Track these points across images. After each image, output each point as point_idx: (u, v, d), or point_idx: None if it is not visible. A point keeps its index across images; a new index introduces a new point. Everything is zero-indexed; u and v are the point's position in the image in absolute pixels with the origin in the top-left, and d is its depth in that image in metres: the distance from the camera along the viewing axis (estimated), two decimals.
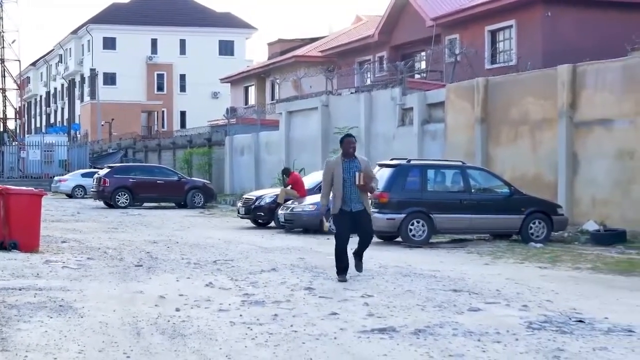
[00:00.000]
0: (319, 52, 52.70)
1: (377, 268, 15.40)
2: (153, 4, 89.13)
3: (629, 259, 17.44)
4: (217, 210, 36.48)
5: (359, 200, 13.44)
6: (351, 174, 13.33)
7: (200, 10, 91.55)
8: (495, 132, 27.31)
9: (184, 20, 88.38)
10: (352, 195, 13.37)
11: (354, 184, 13.29)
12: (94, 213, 33.39)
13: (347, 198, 13.37)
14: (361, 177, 13.23)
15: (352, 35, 52.54)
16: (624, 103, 22.22)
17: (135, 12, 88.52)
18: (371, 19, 54.58)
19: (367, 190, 13.54)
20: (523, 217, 21.23)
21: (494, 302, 11.53)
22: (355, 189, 13.33)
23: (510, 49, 36.34)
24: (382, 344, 8.71)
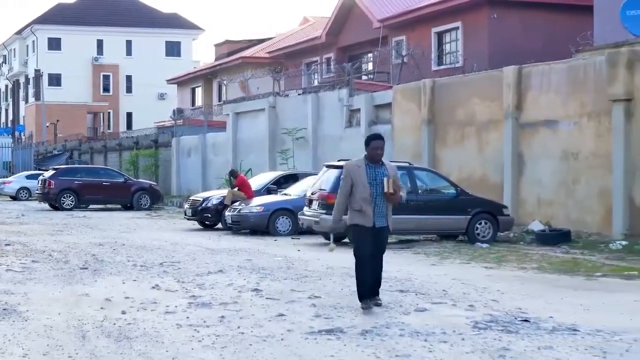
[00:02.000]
0: (266, 54, 52.64)
1: (324, 269, 15.40)
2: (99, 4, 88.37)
3: (573, 259, 17.62)
4: (163, 212, 36.26)
5: (384, 214, 11.10)
6: (378, 182, 10.96)
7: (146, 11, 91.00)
8: (442, 133, 27.46)
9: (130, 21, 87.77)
10: (378, 208, 11.00)
11: (380, 193, 10.94)
12: (39, 215, 33.03)
13: (372, 211, 10.98)
14: (390, 184, 10.90)
15: (300, 36, 52.55)
16: (568, 104, 22.44)
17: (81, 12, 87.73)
18: (318, 21, 54.65)
19: (397, 200, 11.14)
20: (469, 218, 21.37)
21: (441, 302, 11.59)
22: (382, 200, 10.99)
23: (457, 51, 36.57)
24: (330, 345, 8.71)
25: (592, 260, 17.29)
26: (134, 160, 49.91)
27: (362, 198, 10.94)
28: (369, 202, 10.93)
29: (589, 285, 13.67)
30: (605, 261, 17.19)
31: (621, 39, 23.70)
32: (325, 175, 21.73)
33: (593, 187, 21.59)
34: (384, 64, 39.53)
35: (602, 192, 21.15)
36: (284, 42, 53.55)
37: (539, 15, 34.38)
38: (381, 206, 11.03)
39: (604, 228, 20.95)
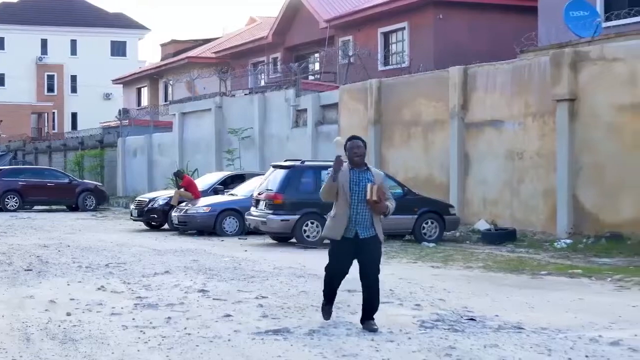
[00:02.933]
0: (212, 54, 52.43)
1: (272, 269, 15.38)
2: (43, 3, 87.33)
3: (518, 257, 17.77)
4: (109, 213, 35.98)
5: (368, 223, 9.76)
6: (361, 188, 9.72)
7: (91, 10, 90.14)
8: (388, 133, 27.55)
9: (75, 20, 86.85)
10: (359, 217, 9.71)
11: (363, 200, 9.68)
12: None
13: (353, 219, 9.71)
14: (374, 191, 9.60)
15: (246, 36, 52.40)
16: (513, 104, 22.63)
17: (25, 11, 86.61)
18: (265, 21, 54.52)
19: (382, 209, 9.76)
20: (416, 217, 21.47)
21: (387, 301, 11.60)
22: (365, 208, 9.71)
23: (403, 51, 36.69)
24: (277, 345, 8.69)
25: (537, 259, 17.46)
26: (79, 160, 49.47)
27: (341, 207, 9.78)
28: (345, 211, 9.72)
29: (534, 284, 13.79)
30: (550, 260, 17.36)
31: (565, 39, 23.97)
32: (272, 176, 21.72)
33: (538, 186, 21.80)
34: (331, 64, 39.55)
35: (546, 192, 21.36)
36: (230, 42, 53.37)
37: (485, 16, 34.61)
38: (364, 214, 9.69)
39: (548, 227, 21.16)
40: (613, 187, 19.69)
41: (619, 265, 16.17)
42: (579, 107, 20.60)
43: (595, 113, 20.21)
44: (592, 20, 24.90)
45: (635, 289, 13.23)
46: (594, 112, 20.25)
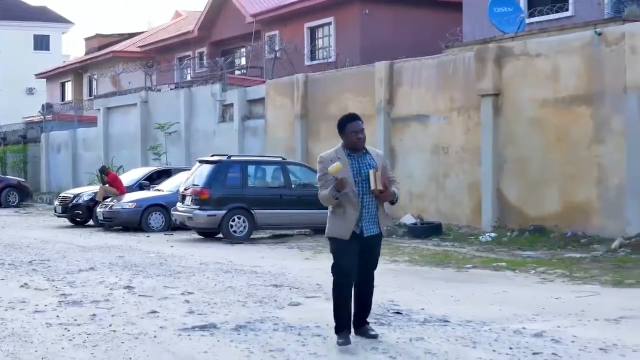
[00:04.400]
0: (137, 48, 51.93)
1: (198, 265, 15.30)
2: None
3: (444, 251, 17.92)
4: (33, 209, 35.48)
5: (374, 218, 8.52)
6: (363, 177, 8.44)
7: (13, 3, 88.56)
8: (315, 128, 27.58)
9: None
10: (366, 211, 8.44)
11: (368, 191, 8.42)
12: None
13: (359, 215, 8.45)
14: (378, 178, 8.33)
15: (172, 30, 52.00)
16: (438, 99, 22.80)
17: None
18: (191, 15, 54.16)
19: (388, 198, 8.53)
20: None
21: (315, 296, 11.63)
22: (371, 199, 8.45)
23: (329, 46, 36.77)
24: (203, 341, 8.64)
25: (463, 253, 17.62)
26: (1, 156, 48.66)
27: (348, 201, 8.38)
28: (354, 204, 8.36)
29: (459, 277, 13.91)
30: (475, 253, 17.54)
31: (489, 35, 24.22)
32: (198, 171, 21.62)
33: (463, 180, 22.00)
34: (257, 58, 39.47)
35: (471, 186, 21.56)
36: (155, 36, 52.91)
37: (411, 12, 34.81)
38: (370, 208, 8.45)
39: (473, 221, 21.38)
40: (536, 181, 19.95)
41: (542, 258, 16.39)
42: (503, 102, 20.83)
43: (519, 108, 20.45)
44: (516, 16, 25.22)
45: (559, 281, 13.42)
46: (518, 106, 20.49)
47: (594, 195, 18.66)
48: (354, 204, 8.38)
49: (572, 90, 19.20)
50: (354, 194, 8.37)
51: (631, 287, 12.68)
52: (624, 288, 12.64)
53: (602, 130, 18.57)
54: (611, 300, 11.26)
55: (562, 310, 10.37)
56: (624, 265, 15.10)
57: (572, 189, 19.07)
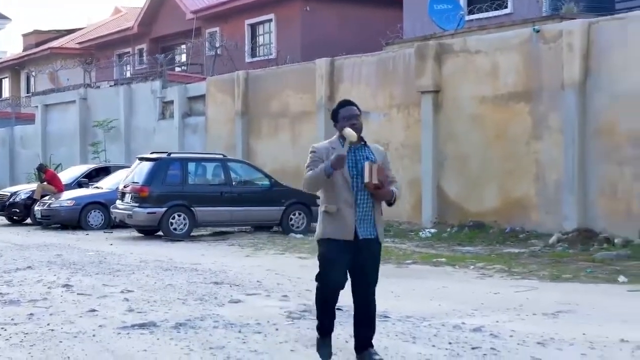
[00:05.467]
0: (76, 44, 51.39)
1: (138, 263, 15.19)
2: None
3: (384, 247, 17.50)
4: None
5: (370, 219, 7.30)
6: (359, 171, 7.20)
7: None
8: (256, 125, 27.53)
9: None
10: (361, 210, 7.23)
11: (362, 187, 7.19)
12: None
13: (354, 215, 7.24)
14: (374, 171, 7.11)
15: (111, 27, 51.55)
16: (379, 96, 22.87)
17: None
18: (130, 11, 53.72)
19: (385, 196, 7.30)
20: (283, 209, 21.53)
21: (255, 293, 11.60)
22: (367, 197, 7.23)
23: (270, 43, 36.73)
24: (143, 339, 8.57)
25: (403, 249, 17.70)
26: None
27: (342, 198, 7.19)
28: (350, 203, 7.18)
29: (400, 273, 13.96)
30: (415, 249, 17.63)
31: (429, 32, 24.37)
32: (138, 168, 21.46)
33: (403, 177, 22.06)
34: (198, 55, 39.30)
35: (412, 182, 21.66)
36: (95, 32, 52.41)
37: (352, 9, 34.89)
38: (365, 207, 7.23)
39: (414, 217, 21.49)
40: (476, 178, 20.11)
41: (481, 254, 16.52)
42: (443, 99, 20.97)
43: (459, 105, 20.59)
44: (456, 13, 25.42)
45: (497, 276, 13.54)
46: (458, 103, 20.63)
47: (533, 191, 18.86)
48: (349, 201, 7.15)
49: (511, 87, 19.38)
50: (348, 188, 7.14)
51: (568, 282, 12.83)
52: (561, 282, 12.79)
53: (540, 126, 18.77)
54: (549, 295, 11.38)
55: (501, 305, 10.46)
56: (562, 260, 15.28)
57: (511, 185, 19.25)
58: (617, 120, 17.31)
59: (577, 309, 10.24)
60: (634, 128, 16.98)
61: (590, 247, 16.59)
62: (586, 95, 17.84)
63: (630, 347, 7.98)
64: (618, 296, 11.37)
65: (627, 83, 17.14)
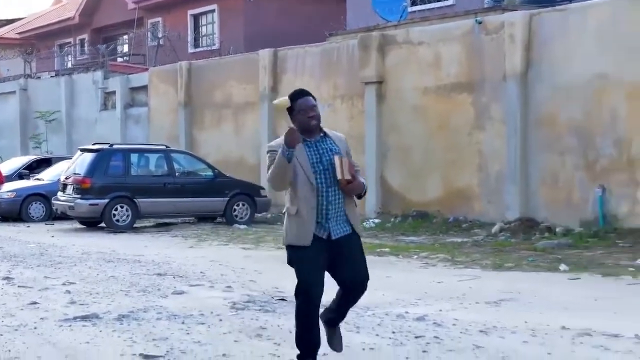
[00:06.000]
0: (16, 34, 50.69)
1: (80, 255, 15.05)
2: None
3: None
4: None
5: (341, 215, 6.60)
6: (325, 165, 6.55)
7: None
8: (199, 116, 27.41)
9: None
10: (331, 207, 6.52)
11: (333, 183, 6.53)
12: None
13: (322, 212, 6.51)
14: (345, 166, 6.50)
15: (52, 17, 50.90)
16: (322, 87, 22.86)
17: None
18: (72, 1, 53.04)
19: (357, 189, 6.64)
20: (227, 200, 21.47)
21: (199, 284, 11.55)
22: (336, 192, 6.55)
23: (213, 33, 36.57)
24: (85, 331, 8.49)
25: None
26: None
27: (302, 197, 6.50)
28: (312, 203, 6.47)
29: None
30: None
31: (373, 23, 24.41)
32: (79, 159, 21.26)
33: None
34: (140, 46, 39.02)
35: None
36: (35, 22, 51.73)
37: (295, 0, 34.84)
38: (337, 203, 6.55)
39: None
40: (419, 168, 20.21)
41: (425, 243, 16.62)
42: (387, 90, 21.03)
43: (402, 96, 20.67)
44: (399, 4, 25.49)
45: (441, 265, 13.63)
46: (401, 94, 20.71)
47: (475, 181, 19.00)
48: (310, 202, 6.45)
49: (454, 78, 19.50)
50: (310, 186, 6.44)
51: (510, 271, 12.95)
52: (504, 271, 12.91)
53: (483, 117, 18.91)
54: (491, 284, 11.48)
55: (444, 294, 10.53)
56: (504, 249, 15.42)
57: (454, 175, 19.38)
58: (558, 110, 17.50)
59: (519, 297, 10.34)
60: (574, 118, 17.18)
61: (532, 236, 16.76)
62: (528, 86, 18.01)
63: (571, 334, 8.07)
64: (559, 284, 11.50)
65: (567, 74, 17.32)
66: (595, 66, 16.86)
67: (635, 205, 16.34)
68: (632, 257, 13.93)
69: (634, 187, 16.34)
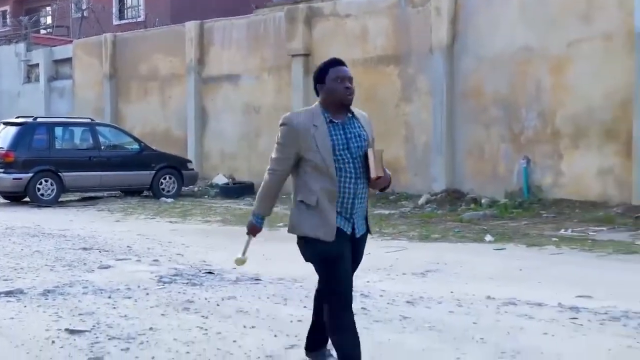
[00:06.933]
0: None
1: (4, 229, 14.82)
2: None
3: None
4: None
5: (363, 211, 5.65)
6: (355, 153, 5.48)
7: None
8: (125, 89, 27.13)
9: None
10: (357, 200, 5.52)
11: (360, 174, 5.49)
12: None
13: (348, 206, 5.49)
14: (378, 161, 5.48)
15: None
16: (249, 59, 22.79)
17: None
18: None
19: (383, 184, 5.57)
20: (154, 173, 21.29)
21: (125, 258, 11.45)
22: (363, 184, 5.52)
23: (138, 5, 36.16)
24: (10, 307, 8.36)
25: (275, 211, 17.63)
26: None
27: (323, 188, 5.40)
28: (333, 194, 5.41)
29: (271, 236, 13.91)
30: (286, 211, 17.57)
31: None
32: (3, 133, 20.86)
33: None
34: (64, 17, 38.43)
35: None
36: None
37: None
38: (362, 197, 5.55)
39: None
40: None
41: None
42: (314, 62, 20.99)
43: None
44: None
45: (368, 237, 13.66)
46: None
47: (402, 153, 19.10)
48: (331, 193, 5.40)
49: (381, 50, 19.55)
50: (330, 179, 5.38)
51: (437, 242, 13.08)
52: (430, 242, 13.03)
53: (410, 89, 19.01)
54: (418, 255, 11.58)
55: (372, 266, 10.56)
56: (430, 220, 15.56)
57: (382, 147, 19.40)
58: (483, 82, 17.66)
59: (445, 268, 10.44)
60: (499, 90, 17.36)
61: (458, 207, 16.93)
62: (454, 58, 18.13)
63: (496, 303, 8.18)
64: (485, 255, 11.64)
65: (493, 46, 17.48)
66: (520, 39, 17.03)
67: (559, 177, 16.59)
68: (555, 227, 14.17)
69: (558, 158, 16.59)
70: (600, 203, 15.78)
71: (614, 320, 7.46)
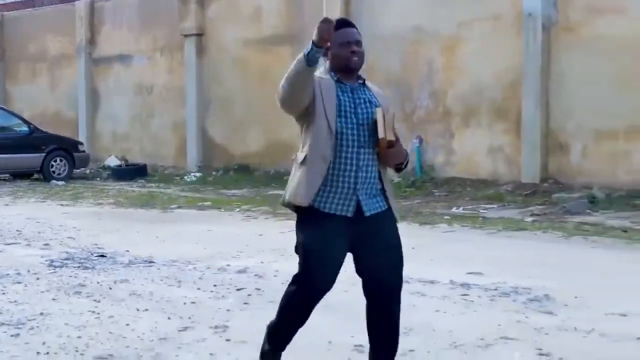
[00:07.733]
0: None
1: None
2: None
3: (149, 192, 17.82)
4: None
5: (375, 186, 4.82)
6: (361, 118, 4.78)
7: None
8: (13, 70, 26.57)
9: None
10: (362, 173, 4.74)
11: (366, 142, 4.76)
12: None
13: (349, 180, 4.73)
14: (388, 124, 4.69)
15: None
16: (141, 39, 22.53)
17: None
18: None
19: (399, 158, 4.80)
20: (44, 156, 20.91)
21: (15, 242, 11.22)
22: (370, 154, 4.77)
23: None
24: None
25: (168, 193, 17.60)
26: None
27: (317, 148, 4.79)
28: (326, 155, 4.75)
29: (164, 218, 13.88)
30: (180, 193, 17.57)
31: None
32: None
33: (167, 120, 21.93)
34: None
35: (176, 126, 21.55)
36: None
37: None
38: (369, 170, 4.77)
39: (179, 161, 21.40)
40: (240, 121, 20.20)
41: (247, 196, 16.66)
42: (207, 42, 20.88)
43: (223, 48, 20.56)
44: None
45: (262, 218, 13.69)
46: (222, 47, 20.60)
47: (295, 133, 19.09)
48: (326, 158, 4.74)
49: (274, 30, 19.52)
50: (330, 142, 4.75)
51: None
52: None
53: None
54: None
55: (265, 247, 10.58)
56: None
57: (275, 128, 19.44)
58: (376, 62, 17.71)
59: None
60: (392, 70, 17.52)
61: None
62: None
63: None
64: None
65: (386, 26, 17.61)
66: (412, 19, 17.19)
67: (451, 155, 16.82)
68: (447, 205, 14.38)
69: (449, 137, 16.82)
70: (491, 181, 16.08)
71: (504, 296, 7.60)
